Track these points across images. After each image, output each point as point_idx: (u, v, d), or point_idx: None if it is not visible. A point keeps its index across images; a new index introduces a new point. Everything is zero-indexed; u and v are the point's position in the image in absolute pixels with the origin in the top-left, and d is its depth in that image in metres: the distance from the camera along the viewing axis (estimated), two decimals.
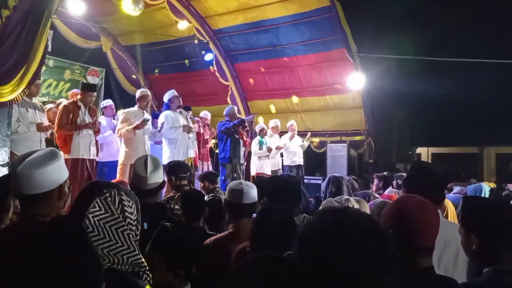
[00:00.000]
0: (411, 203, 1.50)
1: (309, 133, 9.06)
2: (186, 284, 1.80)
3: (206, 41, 9.28)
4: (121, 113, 6.37)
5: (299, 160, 8.71)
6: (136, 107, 6.17)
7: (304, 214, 2.85)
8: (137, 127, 5.81)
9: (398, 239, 1.40)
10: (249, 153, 8.37)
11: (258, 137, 8.39)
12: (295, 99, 10.28)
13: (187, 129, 6.36)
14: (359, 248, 0.97)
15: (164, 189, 4.13)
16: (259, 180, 3.33)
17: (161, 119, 6.36)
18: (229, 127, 7.14)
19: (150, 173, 2.58)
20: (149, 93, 6.51)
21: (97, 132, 5.67)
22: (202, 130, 7.48)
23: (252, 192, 2.58)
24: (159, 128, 6.35)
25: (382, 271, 0.98)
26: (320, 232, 1.01)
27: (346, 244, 0.97)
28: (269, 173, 8.25)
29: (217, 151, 8.25)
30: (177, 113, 6.43)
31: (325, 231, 1.00)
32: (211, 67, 9.78)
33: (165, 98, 6.52)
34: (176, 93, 6.52)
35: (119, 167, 6.00)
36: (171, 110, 6.38)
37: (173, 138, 6.31)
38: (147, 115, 6.21)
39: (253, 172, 8.30)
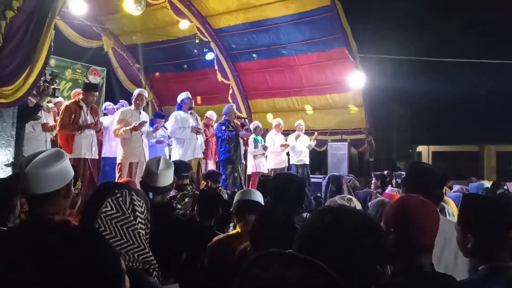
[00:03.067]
0: (412, 202, 1.53)
1: (316, 133, 9.08)
2: (171, 282, 1.68)
3: (207, 41, 9.32)
4: (116, 113, 6.32)
5: (305, 159, 8.72)
6: (132, 106, 6.18)
7: (306, 213, 2.87)
8: (135, 129, 5.77)
9: (399, 237, 1.47)
10: (245, 151, 8.39)
11: (253, 135, 8.39)
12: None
13: (195, 130, 6.51)
14: (355, 243, 1.03)
15: None
16: (265, 180, 3.37)
17: (170, 119, 6.53)
18: (226, 138, 7.19)
19: (161, 170, 2.73)
20: (144, 92, 6.46)
21: (99, 132, 5.68)
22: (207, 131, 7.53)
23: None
24: (167, 129, 6.47)
25: (376, 262, 1.05)
26: (319, 229, 1.06)
27: (344, 240, 1.03)
28: (266, 171, 8.27)
29: None
30: (188, 114, 6.57)
31: (324, 228, 1.05)
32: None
33: (178, 99, 6.70)
34: (189, 95, 6.70)
35: (117, 166, 5.99)
36: (183, 111, 6.54)
37: (181, 138, 6.47)
38: (145, 116, 6.22)
39: (249, 171, 8.32)
